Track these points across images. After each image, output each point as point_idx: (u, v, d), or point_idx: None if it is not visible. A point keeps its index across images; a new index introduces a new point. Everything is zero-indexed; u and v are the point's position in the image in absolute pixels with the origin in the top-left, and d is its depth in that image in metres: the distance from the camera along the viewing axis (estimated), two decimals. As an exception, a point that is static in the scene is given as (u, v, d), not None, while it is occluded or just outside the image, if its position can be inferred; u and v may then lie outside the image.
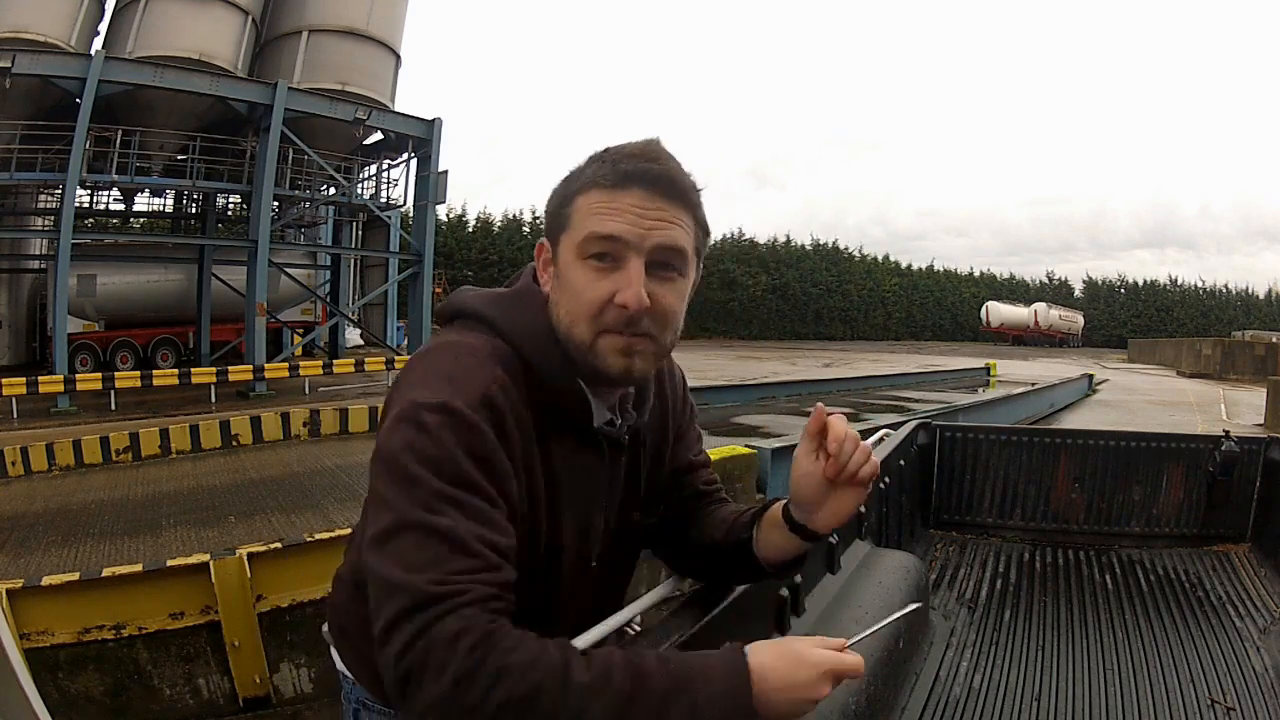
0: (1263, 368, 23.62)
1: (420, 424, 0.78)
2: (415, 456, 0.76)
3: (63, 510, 8.34)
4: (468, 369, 0.83)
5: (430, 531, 0.73)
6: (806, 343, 45.54)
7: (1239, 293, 57.44)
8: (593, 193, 0.86)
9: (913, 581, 2.01)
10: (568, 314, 0.87)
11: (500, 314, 0.91)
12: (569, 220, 0.88)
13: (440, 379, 0.82)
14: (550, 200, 0.92)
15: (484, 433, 0.79)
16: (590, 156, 0.90)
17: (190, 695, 3.90)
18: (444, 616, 0.69)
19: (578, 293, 0.86)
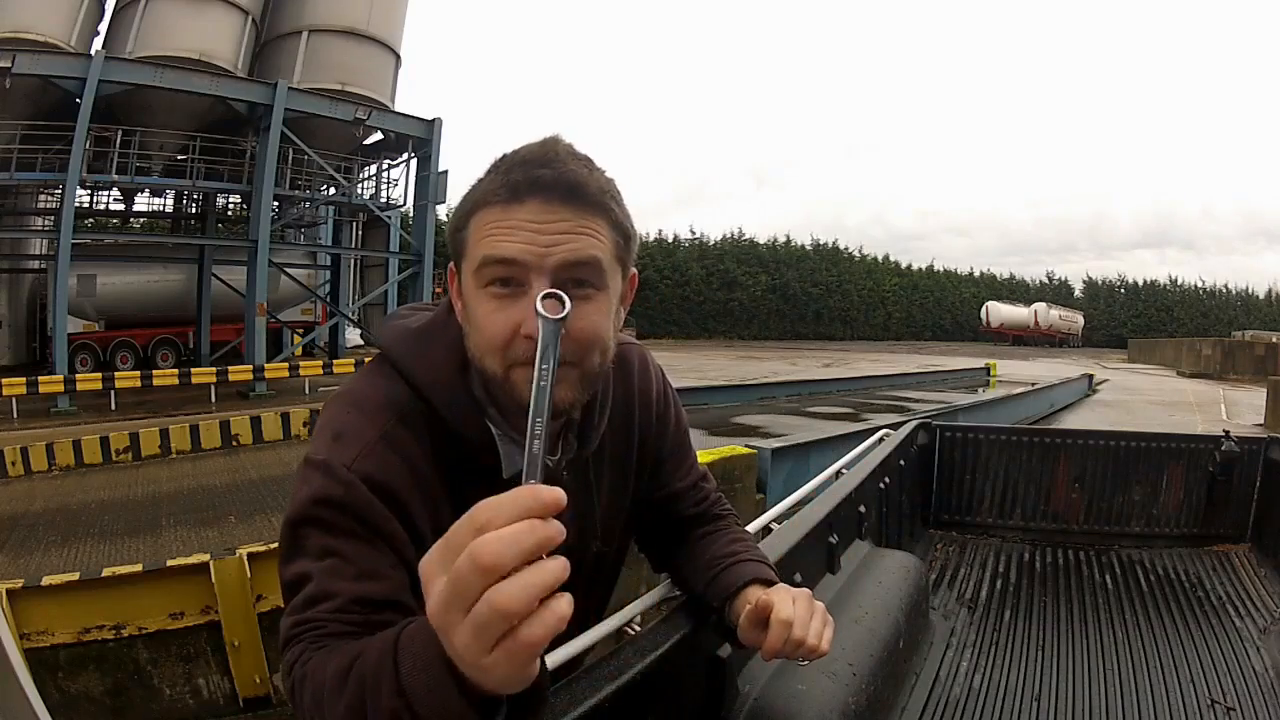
0: (1263, 368, 23.63)
1: (307, 483, 0.78)
2: (302, 514, 0.77)
3: (63, 510, 8.35)
4: (355, 426, 0.81)
5: (309, 581, 0.74)
6: (806, 343, 45.53)
7: (1239, 293, 57.56)
8: (486, 211, 0.77)
9: (913, 581, 2.01)
10: (476, 347, 0.80)
11: (406, 354, 0.86)
12: (465, 244, 0.79)
13: (327, 435, 0.81)
14: (450, 220, 0.86)
15: (360, 494, 0.76)
16: (500, 162, 0.80)
17: (190, 695, 3.90)
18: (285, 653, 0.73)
19: (481, 325, 0.78)
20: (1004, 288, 58.11)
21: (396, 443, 0.80)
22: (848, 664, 1.35)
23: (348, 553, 0.74)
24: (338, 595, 0.73)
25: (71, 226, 15.39)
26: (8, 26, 15.44)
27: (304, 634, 0.72)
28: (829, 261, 53.32)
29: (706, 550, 1.05)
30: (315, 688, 0.65)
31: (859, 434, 4.75)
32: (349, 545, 0.75)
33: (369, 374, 0.89)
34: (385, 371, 0.87)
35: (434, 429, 0.83)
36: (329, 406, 0.87)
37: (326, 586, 0.73)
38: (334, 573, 0.74)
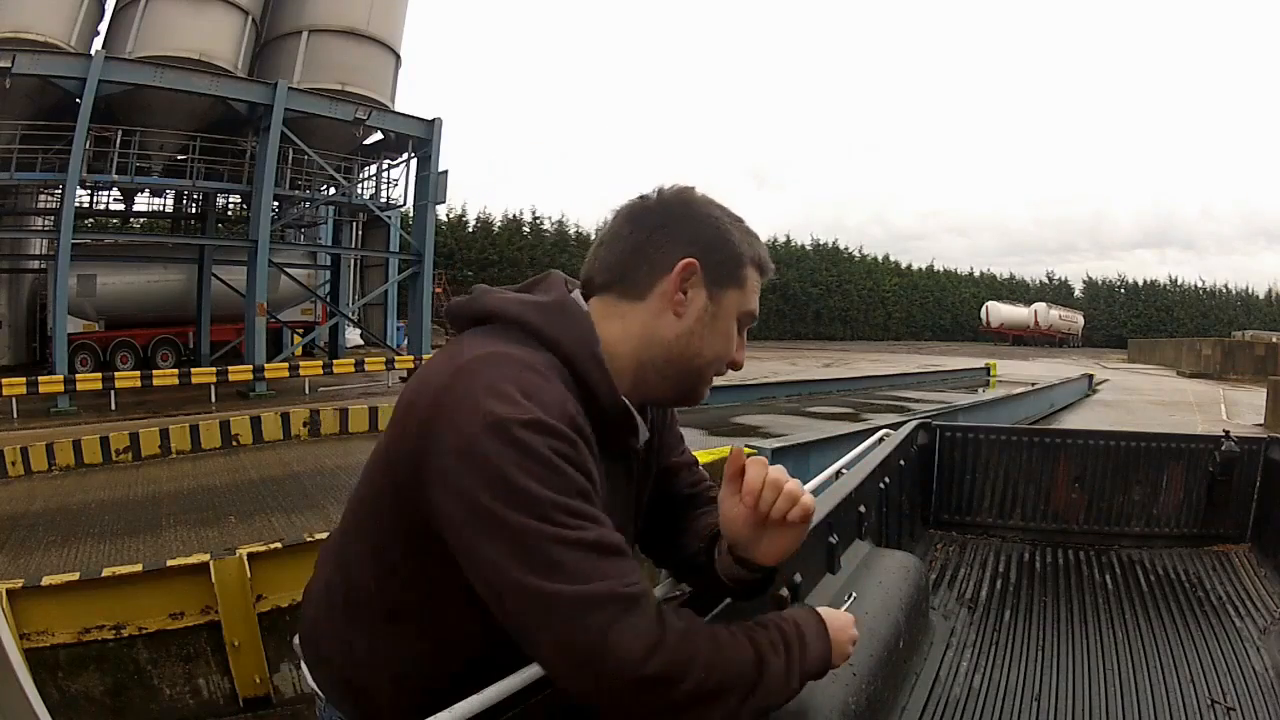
0: (1263, 368, 23.63)
1: (519, 443, 0.76)
2: (532, 477, 0.75)
3: (63, 510, 8.35)
4: (538, 385, 0.82)
5: (581, 544, 0.75)
6: (806, 343, 45.54)
7: (1239, 293, 57.48)
8: (755, 270, 0.99)
9: (913, 581, 2.01)
10: (710, 349, 0.96)
11: (551, 326, 0.90)
12: (743, 283, 0.97)
13: (514, 394, 0.79)
14: (720, 241, 0.96)
15: (580, 447, 0.80)
16: (737, 224, 0.98)
17: (190, 695, 3.90)
18: (660, 613, 0.77)
19: (727, 341, 0.97)
20: (1004, 288, 58.09)
21: (574, 407, 0.84)
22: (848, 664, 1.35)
23: (588, 509, 0.78)
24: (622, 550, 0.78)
25: (71, 226, 15.39)
26: (8, 26, 15.44)
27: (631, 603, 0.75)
28: (829, 261, 53.31)
29: (701, 521, 1.09)
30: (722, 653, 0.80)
31: (859, 434, 4.75)
32: (585, 502, 0.78)
33: (505, 339, 0.88)
34: (518, 338, 0.88)
35: (582, 395, 0.88)
36: (489, 365, 0.83)
37: (610, 544, 0.77)
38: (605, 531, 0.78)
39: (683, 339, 0.94)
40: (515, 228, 45.15)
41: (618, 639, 0.73)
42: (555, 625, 0.73)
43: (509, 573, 0.74)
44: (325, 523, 7.46)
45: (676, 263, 0.93)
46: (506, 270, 41.59)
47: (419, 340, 19.56)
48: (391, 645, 0.90)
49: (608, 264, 0.96)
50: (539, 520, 0.74)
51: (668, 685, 0.74)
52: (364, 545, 0.91)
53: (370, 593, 0.90)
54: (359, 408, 12.91)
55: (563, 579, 0.73)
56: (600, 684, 0.74)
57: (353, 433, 12.50)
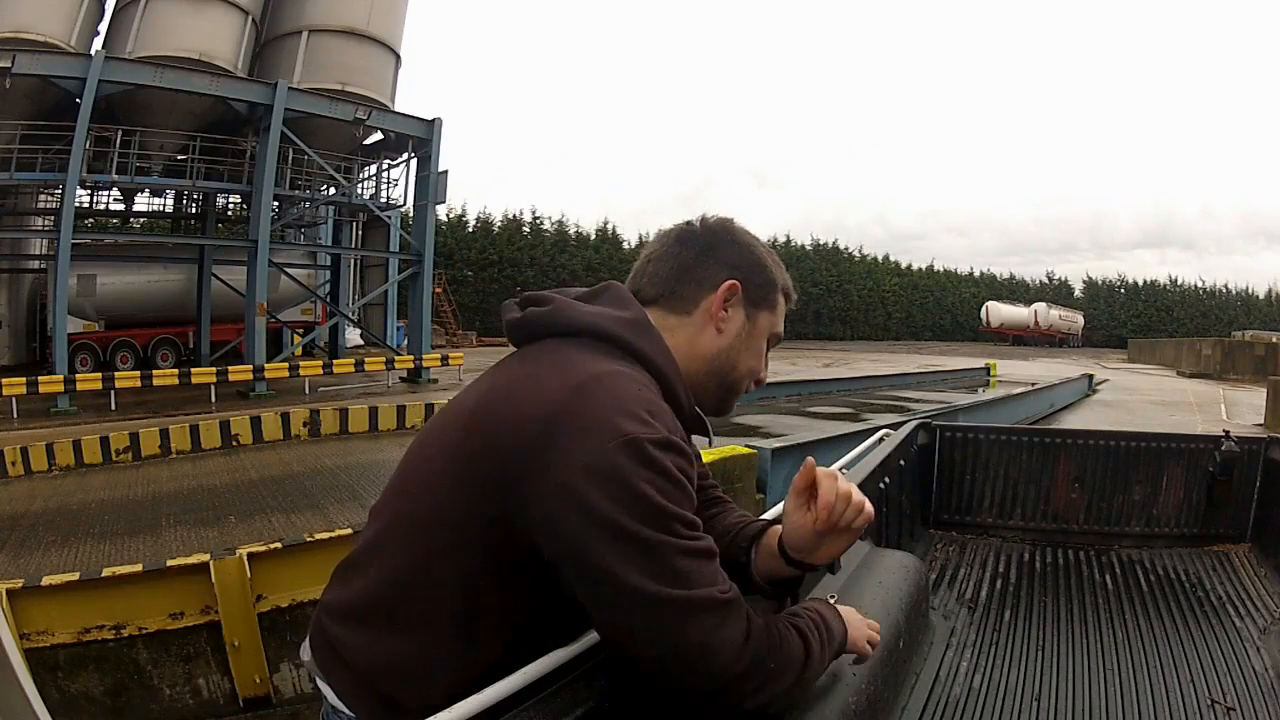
0: (1263, 368, 23.62)
1: (654, 461, 0.82)
2: (659, 491, 0.82)
3: (63, 510, 8.34)
4: (654, 404, 0.89)
5: (697, 553, 0.84)
6: (806, 343, 45.51)
7: (1239, 293, 57.45)
8: (784, 301, 1.11)
9: (913, 581, 2.01)
10: (744, 364, 1.06)
11: (645, 345, 0.97)
12: (774, 306, 1.09)
13: (641, 412, 0.85)
14: (759, 266, 1.08)
15: (692, 462, 0.89)
16: (770, 254, 1.10)
17: (190, 695, 3.90)
18: (747, 614, 0.86)
19: (757, 358, 1.08)
20: (1004, 288, 58.07)
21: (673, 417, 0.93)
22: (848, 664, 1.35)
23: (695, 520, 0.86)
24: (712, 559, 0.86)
25: (71, 226, 15.37)
26: (8, 26, 15.43)
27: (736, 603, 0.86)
28: (829, 261, 53.30)
29: (720, 523, 1.16)
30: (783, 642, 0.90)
31: (859, 434, 4.75)
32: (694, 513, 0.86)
33: (607, 356, 0.94)
34: (615, 354, 0.95)
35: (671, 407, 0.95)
36: (610, 384, 0.87)
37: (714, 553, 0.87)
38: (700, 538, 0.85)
39: (723, 353, 1.04)
40: (515, 228, 45.11)
41: (722, 639, 0.82)
42: (670, 628, 0.81)
43: (629, 580, 0.80)
44: (325, 523, 7.46)
45: (721, 282, 1.03)
46: (506, 270, 41.58)
47: (419, 340, 19.56)
48: (459, 653, 0.90)
49: (657, 279, 1.05)
50: (664, 533, 0.81)
51: (753, 674, 0.84)
52: (432, 556, 0.90)
53: (439, 603, 0.90)
54: (359, 408, 12.91)
55: (681, 585, 0.81)
56: (706, 680, 0.82)
57: (353, 433, 12.50)
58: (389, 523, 0.96)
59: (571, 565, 0.83)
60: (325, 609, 1.00)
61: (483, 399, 0.90)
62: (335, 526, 6.65)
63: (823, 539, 0.99)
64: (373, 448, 11.41)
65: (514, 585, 0.89)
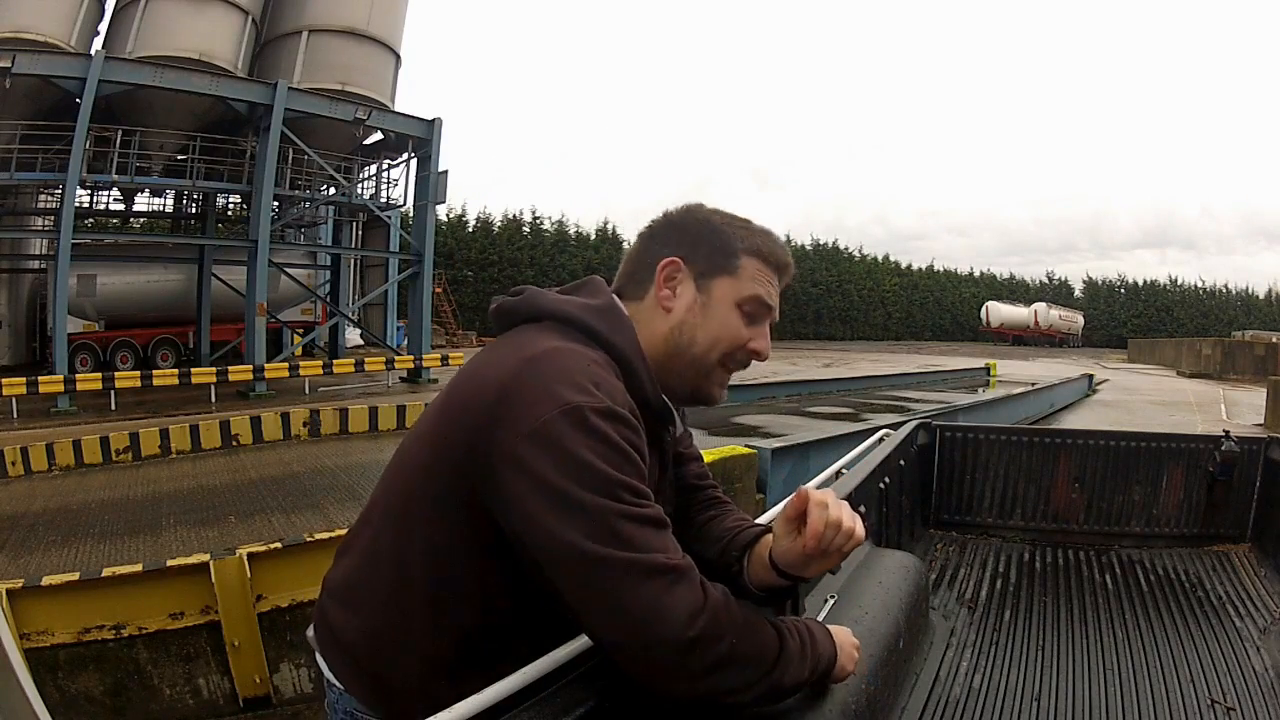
0: (1263, 368, 23.62)
1: (595, 428, 0.83)
2: (601, 458, 0.82)
3: (63, 510, 8.34)
4: (604, 378, 0.89)
5: (642, 520, 0.82)
6: (806, 343, 45.51)
7: (1239, 293, 57.44)
8: (759, 262, 1.03)
9: (913, 581, 2.00)
10: (707, 338, 1.01)
11: (606, 327, 0.97)
12: (736, 272, 1.02)
13: (586, 383, 0.86)
14: (708, 235, 1.03)
15: (640, 434, 0.88)
16: (734, 220, 1.05)
17: (190, 695, 3.90)
18: (702, 584, 0.83)
19: (728, 329, 1.02)
20: (1004, 288, 58.06)
21: (626, 395, 0.92)
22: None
23: (644, 489, 0.85)
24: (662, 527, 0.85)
25: (71, 226, 15.37)
26: (8, 26, 15.43)
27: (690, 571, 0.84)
28: (829, 261, 53.29)
29: (717, 526, 1.14)
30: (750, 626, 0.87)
31: (859, 434, 4.75)
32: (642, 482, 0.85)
33: (564, 337, 0.95)
34: (576, 337, 0.95)
35: (630, 391, 0.94)
36: (557, 358, 0.89)
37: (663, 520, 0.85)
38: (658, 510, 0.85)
39: (675, 332, 1.01)
40: (515, 228, 45.10)
41: (670, 603, 0.79)
42: (614, 589, 0.80)
43: (575, 543, 0.80)
44: (325, 522, 7.46)
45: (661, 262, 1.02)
46: (506, 270, 41.57)
47: (419, 340, 19.56)
48: (426, 630, 0.93)
49: (621, 273, 1.07)
50: (606, 497, 0.81)
51: (706, 647, 0.81)
52: (404, 533, 0.93)
53: (410, 579, 0.93)
54: (359, 408, 12.91)
55: (624, 548, 0.80)
56: (650, 648, 0.80)
57: (353, 433, 12.49)
58: (373, 504, 1.01)
59: (524, 535, 0.83)
60: (323, 587, 1.06)
61: (452, 385, 0.94)
62: (335, 526, 6.65)
63: (812, 560, 0.98)
64: (373, 448, 11.41)
65: (482, 566, 0.90)
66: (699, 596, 0.82)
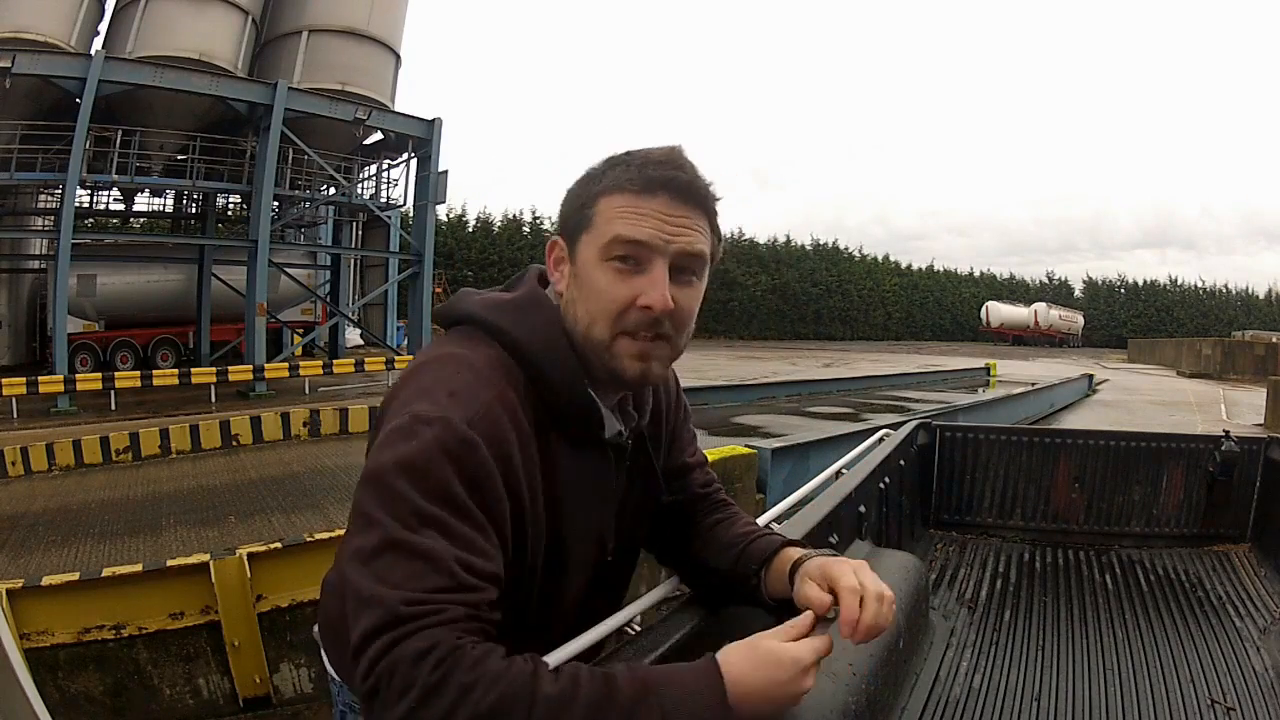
0: (1263, 368, 23.62)
1: (415, 439, 0.76)
2: (405, 473, 0.74)
3: (63, 510, 8.34)
4: (469, 384, 0.82)
5: (411, 551, 0.71)
6: (806, 343, 45.52)
7: (1239, 293, 57.52)
8: (618, 196, 0.86)
9: (913, 581, 2.00)
10: (587, 314, 0.88)
11: (510, 323, 0.89)
12: (591, 221, 0.87)
13: (441, 392, 0.80)
14: (568, 200, 0.91)
15: (479, 452, 0.77)
16: (610, 160, 0.90)
17: (190, 695, 3.89)
18: (411, 635, 0.68)
19: (599, 293, 0.86)
20: (1004, 288, 58.08)
21: (508, 405, 0.83)
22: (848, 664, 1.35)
23: (456, 522, 0.74)
24: (452, 570, 0.71)
25: (71, 226, 15.37)
26: (8, 26, 15.42)
27: (431, 618, 0.69)
28: (829, 261, 53.29)
29: (726, 532, 1.08)
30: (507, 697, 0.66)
31: (859, 434, 4.75)
32: (457, 514, 0.74)
33: (463, 340, 0.89)
34: (480, 338, 0.89)
35: (535, 394, 0.87)
36: (429, 367, 0.85)
37: (437, 557, 0.71)
38: (443, 542, 0.72)
39: (567, 313, 0.90)
40: (515, 228, 45.12)
41: (378, 648, 0.68)
42: (353, 614, 0.71)
43: (345, 552, 0.75)
44: (325, 522, 7.46)
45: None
46: (506, 270, 41.55)
47: (419, 340, 19.54)
48: None
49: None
50: (388, 513, 0.73)
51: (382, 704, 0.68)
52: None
53: None
54: (359, 408, 12.90)
55: (371, 577, 0.71)
56: (359, 684, 0.70)
57: (353, 433, 12.48)
58: None
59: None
60: (323, 585, 1.06)
61: None
62: (335, 526, 6.64)
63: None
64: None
65: None
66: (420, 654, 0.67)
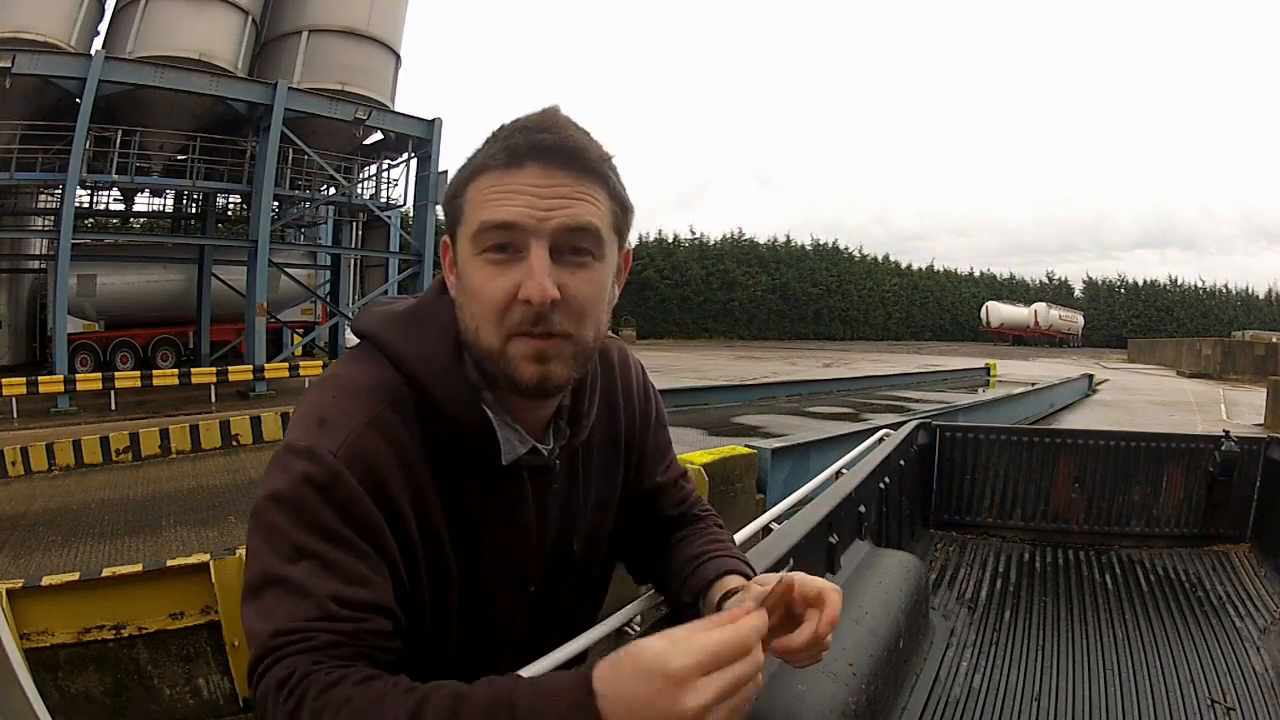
0: (1263, 368, 23.63)
1: (286, 470, 0.74)
2: (278, 506, 0.73)
3: (63, 510, 8.35)
4: (342, 410, 0.77)
5: (285, 584, 0.69)
6: (806, 343, 45.53)
7: (1239, 293, 57.58)
8: (484, 177, 0.76)
9: (913, 581, 2.01)
10: (472, 318, 0.78)
11: (396, 338, 0.82)
12: (462, 211, 0.78)
13: (312, 421, 0.77)
14: (445, 190, 0.82)
15: (345, 482, 0.73)
16: (483, 144, 0.79)
17: (190, 695, 3.89)
18: (274, 666, 0.66)
19: (477, 292, 0.76)
20: (1004, 288, 58.11)
21: (386, 429, 0.77)
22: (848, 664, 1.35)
23: (329, 552, 0.71)
24: (321, 600, 0.68)
25: (71, 226, 15.38)
26: (8, 26, 15.43)
27: (292, 646, 0.67)
28: (829, 261, 53.33)
29: (682, 551, 1.00)
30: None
31: (859, 434, 4.75)
32: (330, 543, 0.71)
33: (353, 360, 0.84)
34: (372, 356, 0.83)
35: (425, 415, 0.80)
36: (312, 392, 0.82)
37: (308, 589, 0.69)
38: (315, 573, 0.70)
39: (461, 323, 0.80)
40: (515, 228, 45.07)
41: (255, 681, 0.67)
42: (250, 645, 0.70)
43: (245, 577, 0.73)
44: (325, 523, 7.45)
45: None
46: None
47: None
48: None
49: None
50: (267, 546, 0.71)
51: None
52: None
53: None
54: (359, 408, 12.90)
55: (251, 612, 0.70)
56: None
57: (353, 433, 12.48)
58: None
59: None
60: None
61: None
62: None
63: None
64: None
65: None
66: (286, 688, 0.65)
